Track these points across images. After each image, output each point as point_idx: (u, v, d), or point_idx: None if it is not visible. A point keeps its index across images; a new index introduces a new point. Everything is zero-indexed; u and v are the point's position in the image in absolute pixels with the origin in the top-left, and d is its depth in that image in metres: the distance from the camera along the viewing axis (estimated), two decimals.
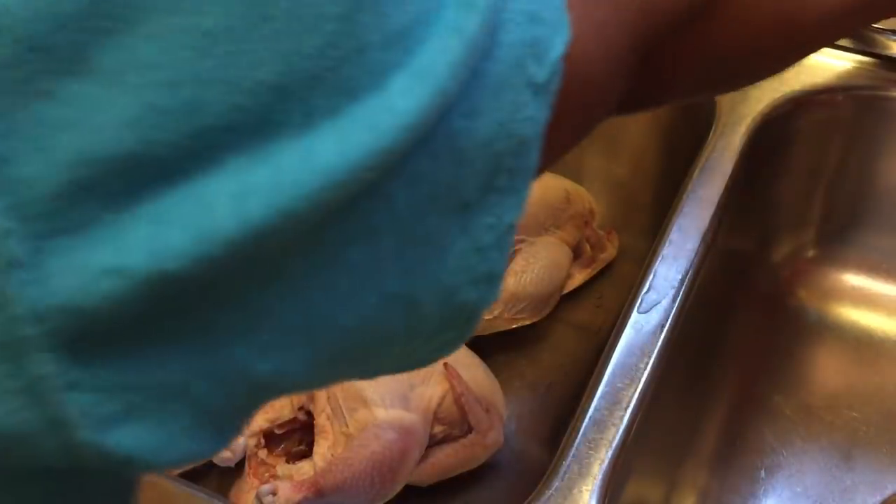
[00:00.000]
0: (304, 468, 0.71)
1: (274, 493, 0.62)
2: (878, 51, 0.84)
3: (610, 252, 0.89)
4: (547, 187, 0.82)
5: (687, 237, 0.71)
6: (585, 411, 0.60)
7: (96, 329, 0.21)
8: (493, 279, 0.27)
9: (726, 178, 0.75)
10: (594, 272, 0.88)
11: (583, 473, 0.57)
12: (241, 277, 0.22)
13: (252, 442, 0.71)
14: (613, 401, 0.61)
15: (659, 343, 0.64)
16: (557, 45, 0.26)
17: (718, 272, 0.76)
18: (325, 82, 0.22)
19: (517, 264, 0.81)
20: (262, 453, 0.72)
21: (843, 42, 0.84)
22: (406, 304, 0.26)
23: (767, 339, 0.87)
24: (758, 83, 0.81)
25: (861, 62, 0.84)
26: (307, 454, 0.73)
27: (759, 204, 0.85)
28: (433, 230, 0.25)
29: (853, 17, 0.40)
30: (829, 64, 0.84)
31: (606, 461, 0.58)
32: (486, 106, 0.25)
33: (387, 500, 0.69)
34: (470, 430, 0.73)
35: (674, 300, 0.66)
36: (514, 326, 0.82)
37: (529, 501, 0.56)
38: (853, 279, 0.90)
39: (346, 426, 0.70)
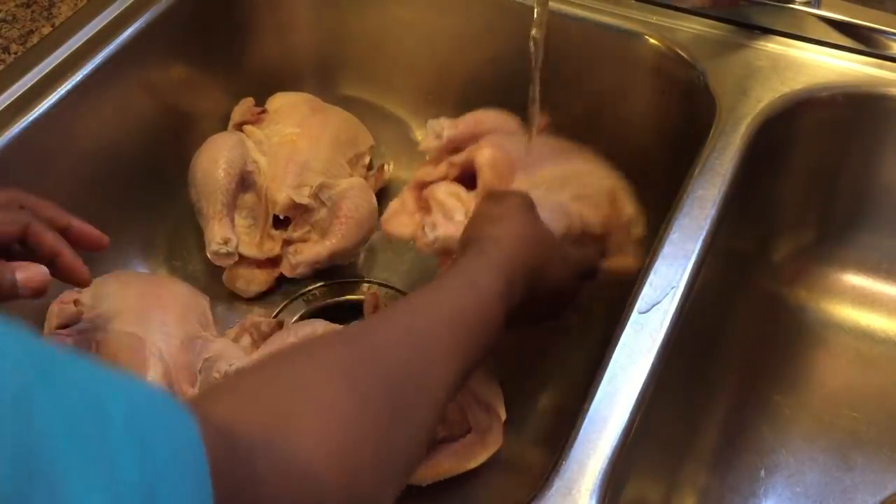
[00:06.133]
0: None
1: None
2: (878, 51, 0.84)
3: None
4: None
5: (687, 237, 0.71)
6: (585, 411, 0.60)
7: None
8: None
9: (726, 178, 0.75)
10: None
11: (583, 473, 0.57)
12: None
13: None
14: (613, 401, 0.61)
15: (659, 343, 0.64)
16: None
17: (718, 272, 0.76)
18: None
19: None
20: None
21: (843, 42, 0.84)
22: None
23: (767, 339, 0.87)
24: (757, 83, 0.82)
25: (861, 62, 0.84)
26: None
27: (759, 204, 0.85)
28: None
29: None
30: (829, 64, 0.84)
31: (606, 461, 0.58)
32: None
33: None
34: (470, 430, 0.73)
35: (674, 300, 0.66)
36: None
37: (529, 501, 0.56)
38: (853, 279, 0.90)
39: None
